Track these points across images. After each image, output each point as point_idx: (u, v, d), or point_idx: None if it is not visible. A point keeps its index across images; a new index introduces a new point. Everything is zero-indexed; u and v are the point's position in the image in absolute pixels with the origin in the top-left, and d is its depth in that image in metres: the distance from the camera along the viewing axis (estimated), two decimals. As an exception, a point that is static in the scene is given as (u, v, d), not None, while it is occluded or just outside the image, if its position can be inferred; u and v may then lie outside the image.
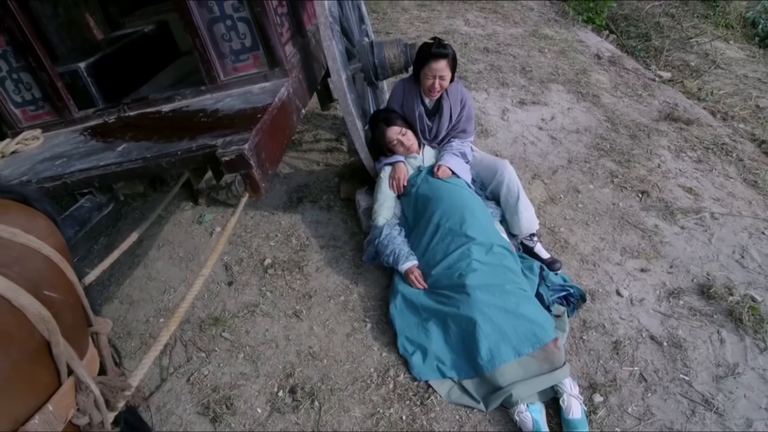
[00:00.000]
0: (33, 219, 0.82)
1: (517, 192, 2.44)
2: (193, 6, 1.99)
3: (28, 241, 0.76)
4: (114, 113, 2.24)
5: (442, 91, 2.38)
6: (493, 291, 2.04)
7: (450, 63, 2.31)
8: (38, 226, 0.81)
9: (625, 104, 4.06)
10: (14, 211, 0.81)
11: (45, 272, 0.76)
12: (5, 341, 0.65)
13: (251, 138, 1.58)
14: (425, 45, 2.33)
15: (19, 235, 0.75)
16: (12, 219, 0.78)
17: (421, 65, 2.34)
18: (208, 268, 1.42)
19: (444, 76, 2.32)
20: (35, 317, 0.69)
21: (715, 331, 2.20)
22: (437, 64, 2.28)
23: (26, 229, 0.77)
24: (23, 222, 0.79)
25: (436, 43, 2.29)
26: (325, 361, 2.12)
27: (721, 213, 2.89)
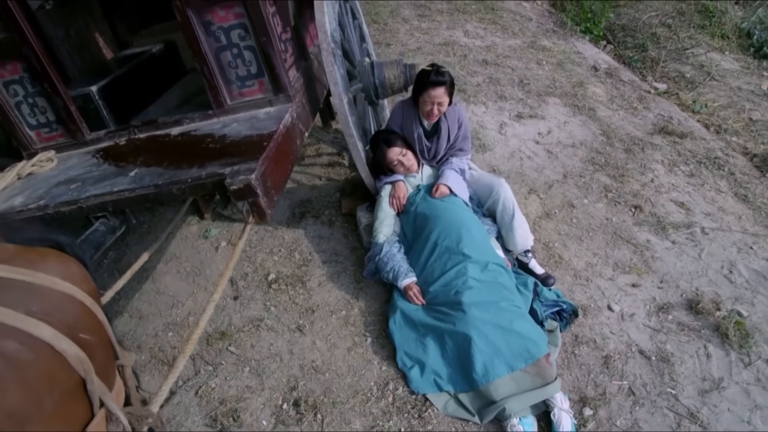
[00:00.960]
0: (67, 265, 0.92)
1: (512, 209, 2.53)
2: (201, 35, 2.08)
3: (65, 288, 0.85)
4: (124, 135, 2.34)
5: (440, 115, 2.48)
6: (488, 308, 2.13)
7: (448, 89, 2.40)
8: (72, 273, 0.90)
9: (621, 117, 4.15)
10: (52, 258, 0.91)
11: (81, 317, 0.86)
12: (50, 383, 0.74)
13: (258, 167, 1.67)
14: (424, 72, 2.42)
15: (58, 282, 0.84)
16: (50, 267, 0.87)
17: (420, 91, 2.43)
18: (218, 293, 1.52)
19: (442, 102, 2.41)
20: (74, 360, 0.78)
21: (702, 345, 2.29)
22: (435, 91, 2.37)
23: (63, 276, 0.87)
24: (60, 269, 0.88)
25: (435, 70, 2.38)
26: (327, 375, 2.21)
27: (711, 228, 2.98)
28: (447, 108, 2.50)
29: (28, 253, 0.88)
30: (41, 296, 0.81)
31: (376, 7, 6.38)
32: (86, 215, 1.88)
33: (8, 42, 2.12)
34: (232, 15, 2.05)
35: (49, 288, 0.83)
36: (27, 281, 0.81)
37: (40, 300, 0.80)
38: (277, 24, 2.21)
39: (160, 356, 2.34)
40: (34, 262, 0.86)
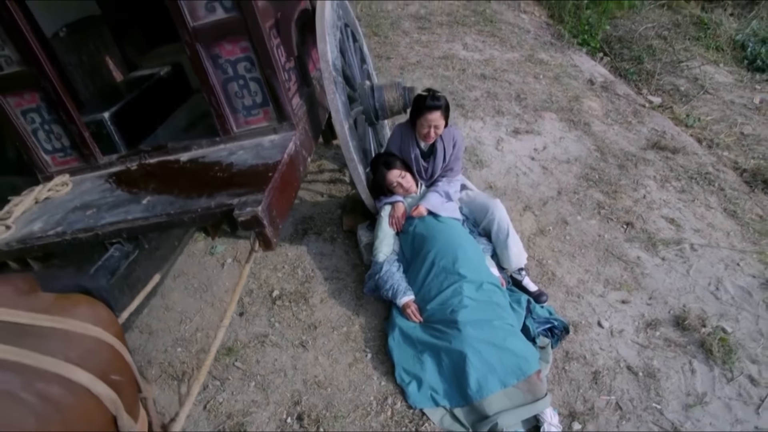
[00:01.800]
0: (97, 311, 1.03)
1: (506, 229, 2.64)
2: (210, 68, 2.20)
3: (96, 334, 0.96)
4: (135, 160, 2.45)
5: (436, 137, 2.59)
6: (482, 326, 2.23)
7: (443, 113, 2.51)
8: (102, 318, 1.01)
9: (615, 132, 4.25)
10: (83, 305, 1.01)
11: (111, 360, 0.96)
12: (87, 423, 0.85)
13: (264, 199, 1.78)
14: (420, 97, 2.53)
15: (90, 328, 0.95)
16: (82, 314, 0.98)
17: (417, 115, 2.54)
18: (227, 318, 1.63)
19: (438, 125, 2.52)
20: (107, 401, 0.88)
21: (688, 361, 2.39)
22: (432, 115, 2.48)
23: (94, 322, 0.97)
24: (90, 315, 0.99)
25: (431, 95, 2.49)
26: (329, 390, 2.32)
27: (700, 244, 3.08)
28: (443, 130, 2.61)
29: (62, 301, 0.99)
30: (77, 343, 0.92)
31: (377, 19, 6.50)
32: (102, 242, 1.99)
33: (28, 75, 2.24)
34: (239, 49, 2.17)
35: (83, 334, 0.94)
36: (64, 329, 0.92)
37: (76, 347, 0.91)
38: (281, 55, 2.33)
39: (170, 371, 2.45)
40: (68, 310, 0.97)
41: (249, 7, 2.06)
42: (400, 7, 6.85)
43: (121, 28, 3.38)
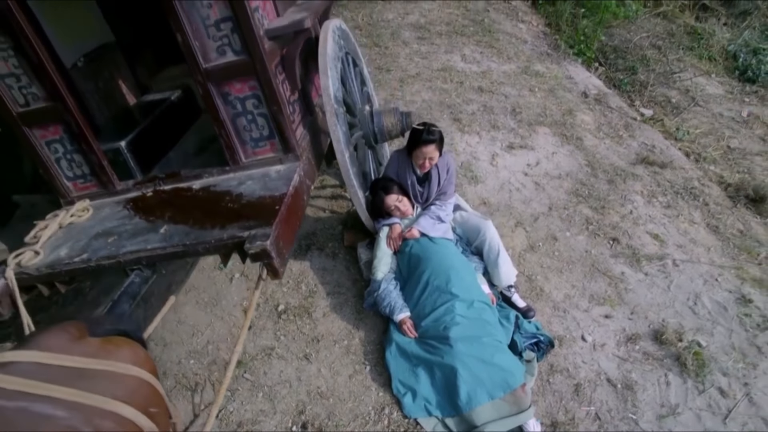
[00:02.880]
0: (135, 351, 1.21)
1: (497, 249, 2.82)
2: (220, 104, 2.38)
3: (137, 373, 1.14)
4: (151, 186, 2.64)
5: (431, 166, 2.77)
6: (472, 342, 2.42)
7: (438, 146, 2.69)
8: (139, 357, 1.20)
9: (606, 146, 4.42)
10: (124, 348, 1.20)
11: (149, 395, 1.15)
12: (133, 451, 1.04)
13: (272, 233, 1.97)
14: (416, 130, 2.70)
15: (131, 369, 1.14)
16: (124, 356, 1.17)
17: (413, 147, 2.72)
18: (240, 344, 1.82)
19: (433, 157, 2.70)
20: (148, 431, 1.07)
21: (663, 374, 2.58)
22: (427, 148, 2.66)
23: (133, 362, 1.16)
24: (131, 356, 1.18)
25: (426, 129, 2.66)
26: (331, 400, 2.52)
27: (681, 260, 3.26)
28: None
29: (107, 344, 1.18)
30: (122, 383, 1.10)
31: (377, 29, 6.64)
32: (123, 268, 2.18)
33: (52, 110, 2.43)
34: (247, 87, 2.35)
35: (126, 375, 1.12)
36: (111, 371, 1.11)
37: (121, 386, 1.09)
38: (286, 89, 2.51)
39: (183, 382, 2.65)
40: (112, 353, 1.15)
41: (257, 51, 2.23)
42: (400, 16, 6.98)
43: (132, 52, 3.55)
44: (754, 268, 3.24)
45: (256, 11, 2.28)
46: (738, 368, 2.60)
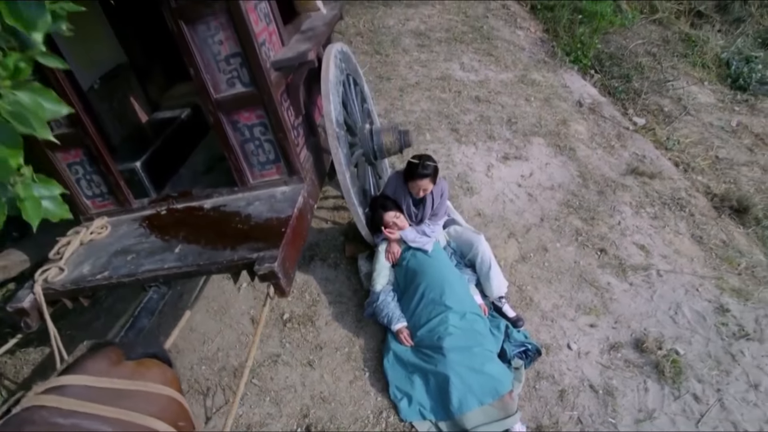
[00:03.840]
0: (164, 372, 1.40)
1: (489, 263, 3.00)
2: (230, 131, 2.56)
3: (167, 392, 1.33)
4: (164, 205, 2.83)
5: (425, 194, 2.96)
6: (464, 352, 2.61)
7: (432, 179, 2.88)
8: (168, 378, 1.39)
9: (598, 157, 4.58)
10: (155, 369, 1.39)
11: (178, 411, 1.34)
12: (168, 460, 1.23)
13: (279, 255, 2.15)
14: (412, 164, 2.88)
15: (162, 388, 1.32)
16: (155, 376, 1.35)
17: (409, 179, 2.91)
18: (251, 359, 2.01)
19: (427, 188, 2.90)
20: (178, 443, 1.26)
21: (643, 380, 2.77)
22: (422, 181, 2.86)
23: (163, 382, 1.35)
24: (161, 377, 1.37)
25: (422, 163, 2.84)
26: (333, 404, 2.71)
27: (665, 270, 3.44)
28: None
29: (140, 367, 1.37)
30: (154, 401, 1.29)
31: (378, 35, 6.78)
32: (141, 285, 2.37)
33: (74, 135, 2.61)
34: (255, 116, 2.53)
35: (158, 393, 1.31)
36: (144, 390, 1.30)
37: (154, 403, 1.28)
38: (290, 116, 2.69)
39: (196, 387, 2.85)
40: (145, 374, 1.34)
41: (264, 83, 2.41)
42: (401, 22, 7.11)
43: (144, 70, 3.72)
44: (734, 278, 3.42)
45: (263, 45, 2.46)
46: (712, 375, 2.79)
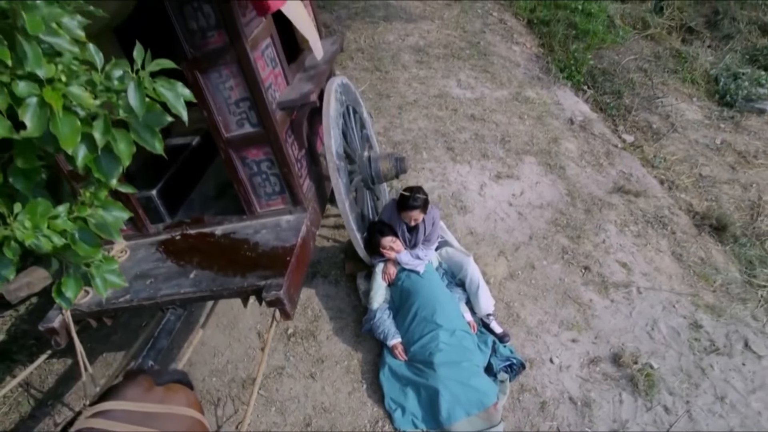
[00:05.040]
0: (187, 395, 1.65)
1: (477, 283, 3.25)
2: (239, 166, 2.81)
3: (191, 413, 1.58)
4: (179, 231, 3.08)
5: (417, 223, 3.21)
6: (453, 367, 2.86)
7: (422, 210, 3.13)
8: (191, 401, 1.63)
9: (587, 175, 4.81)
10: (179, 393, 1.64)
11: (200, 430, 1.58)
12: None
13: (284, 283, 2.40)
14: (404, 197, 3.13)
15: (186, 410, 1.57)
16: (180, 399, 1.60)
17: (401, 210, 3.16)
18: (259, 377, 2.26)
19: (417, 218, 3.16)
20: (201, 458, 1.51)
21: (618, 393, 3.01)
22: (412, 212, 3.11)
23: (187, 404, 1.60)
24: (184, 400, 1.61)
25: (412, 196, 3.09)
26: (333, 414, 2.96)
27: (645, 287, 3.67)
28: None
29: (167, 391, 1.61)
30: (180, 422, 1.54)
31: (379, 51, 7.01)
32: (160, 308, 2.63)
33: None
34: (262, 153, 2.78)
35: (183, 415, 1.56)
36: (172, 413, 1.54)
37: (181, 424, 1.53)
38: (294, 150, 2.94)
39: (207, 398, 3.10)
40: (171, 398, 1.59)
41: (270, 124, 2.66)
42: (400, 38, 7.34)
43: (156, 98, 3.98)
44: (709, 294, 3.65)
45: (270, 88, 2.70)
46: (683, 388, 3.02)
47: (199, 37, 2.46)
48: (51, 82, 0.86)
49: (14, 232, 0.91)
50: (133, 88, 0.96)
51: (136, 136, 1.02)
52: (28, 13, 0.78)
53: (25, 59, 0.80)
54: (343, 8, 8.18)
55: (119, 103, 0.96)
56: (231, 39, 2.43)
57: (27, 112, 0.83)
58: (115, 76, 0.97)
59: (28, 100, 0.83)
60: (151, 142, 1.05)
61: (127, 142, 1.01)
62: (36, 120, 0.85)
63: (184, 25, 2.43)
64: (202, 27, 2.43)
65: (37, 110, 0.84)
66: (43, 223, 0.95)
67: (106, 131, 0.96)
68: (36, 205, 0.96)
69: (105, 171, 1.04)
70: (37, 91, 0.84)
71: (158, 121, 1.03)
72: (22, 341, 3.74)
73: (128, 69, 1.00)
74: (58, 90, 0.86)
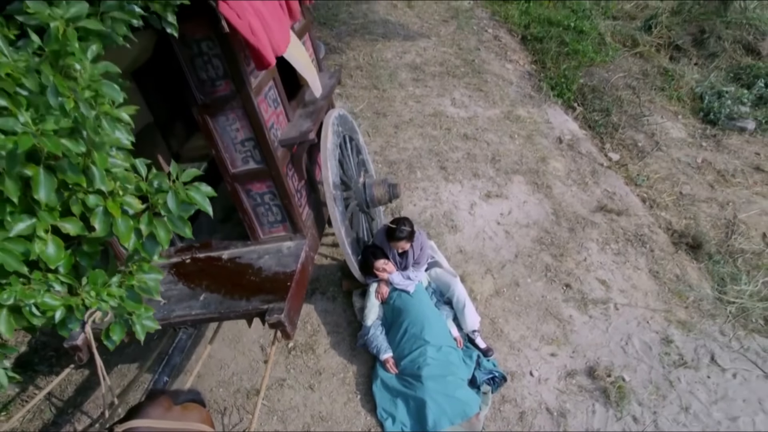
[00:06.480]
0: (201, 412, 1.92)
1: (463, 302, 3.52)
2: (244, 198, 3.09)
3: (205, 429, 1.85)
4: (188, 254, 3.36)
5: (405, 250, 3.49)
6: (439, 380, 3.14)
7: (407, 240, 3.41)
8: (203, 417, 1.90)
9: (572, 194, 5.08)
10: (194, 411, 1.91)
11: (213, 444, 1.86)
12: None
13: (285, 307, 2.68)
14: (390, 228, 3.41)
15: (201, 426, 1.84)
16: (194, 416, 1.87)
17: (389, 239, 3.45)
18: (263, 390, 2.54)
19: (405, 247, 3.44)
20: (215, 468, 1.78)
21: (592, 404, 3.28)
22: (398, 243, 3.40)
23: (201, 421, 1.87)
24: (198, 416, 1.89)
25: (398, 228, 3.37)
26: (329, 423, 3.24)
27: (622, 304, 3.94)
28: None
29: (185, 410, 1.89)
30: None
31: (377, 69, 7.29)
32: (173, 327, 2.91)
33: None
34: (265, 186, 3.06)
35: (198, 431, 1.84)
36: (188, 429, 1.82)
37: (197, 439, 1.82)
38: (294, 182, 3.21)
39: (214, 407, 3.38)
40: (188, 416, 1.87)
41: (272, 161, 2.93)
42: (398, 55, 7.62)
43: (166, 125, 4.26)
44: (682, 311, 3.91)
45: (272, 128, 2.99)
46: (651, 399, 3.29)
47: (209, 86, 2.74)
48: (111, 194, 1.14)
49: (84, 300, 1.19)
50: (172, 195, 1.23)
51: (171, 225, 1.29)
52: (99, 153, 1.06)
53: (95, 180, 1.08)
54: (343, 24, 8.46)
55: (159, 202, 1.24)
56: (237, 88, 2.71)
57: (96, 219, 1.12)
58: (155, 185, 1.25)
59: (96, 209, 1.12)
60: (182, 228, 1.32)
61: (165, 230, 1.28)
62: (102, 224, 1.13)
63: (195, 75, 2.71)
64: (211, 77, 2.71)
65: (103, 217, 1.13)
66: (103, 291, 1.23)
67: (149, 224, 1.24)
68: (96, 276, 1.24)
69: (148, 251, 1.31)
70: (102, 202, 1.12)
71: (187, 211, 1.31)
72: (42, 353, 4.03)
73: (166, 179, 1.28)
74: (117, 201, 1.14)
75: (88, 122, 1.02)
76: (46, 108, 0.97)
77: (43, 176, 1.03)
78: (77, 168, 1.06)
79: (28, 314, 1.10)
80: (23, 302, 1.07)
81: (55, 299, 1.14)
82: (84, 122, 1.01)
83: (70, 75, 1.00)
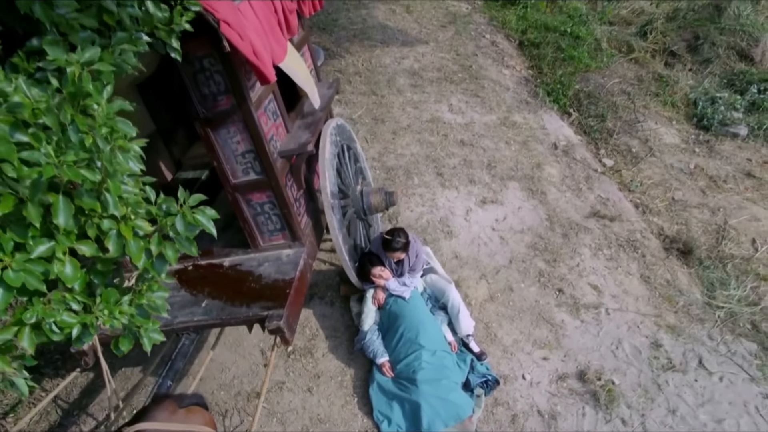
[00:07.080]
0: (204, 415, 2.02)
1: (458, 307, 3.62)
2: (245, 207, 3.20)
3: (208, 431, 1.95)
4: (191, 261, 3.46)
5: (401, 259, 3.59)
6: (433, 384, 3.24)
7: (403, 250, 3.51)
8: (206, 420, 2.01)
9: (567, 200, 5.18)
10: (198, 414, 2.01)
11: (216, 447, 1.96)
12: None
13: (284, 314, 2.79)
14: (386, 240, 3.51)
15: (204, 428, 1.95)
16: (198, 419, 1.98)
17: (385, 249, 3.54)
18: (263, 393, 2.64)
19: (400, 257, 3.54)
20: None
21: (582, 407, 3.38)
22: (394, 253, 3.50)
23: (204, 423, 1.97)
24: (203, 419, 1.99)
25: (394, 239, 3.47)
26: (327, 425, 3.34)
27: (613, 308, 4.04)
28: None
29: (189, 413, 1.99)
30: (200, 439, 1.93)
31: (375, 75, 7.39)
32: (176, 333, 3.01)
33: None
34: (265, 196, 3.16)
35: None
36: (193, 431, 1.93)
37: (200, 441, 1.92)
38: (293, 191, 3.32)
39: (216, 410, 3.49)
40: (191, 419, 1.97)
41: (272, 172, 3.03)
42: (396, 61, 7.72)
43: (168, 133, 4.37)
44: (671, 315, 4.01)
45: (272, 140, 3.09)
46: (640, 402, 3.39)
47: (211, 100, 2.84)
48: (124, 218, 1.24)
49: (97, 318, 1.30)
50: (180, 219, 1.34)
51: (178, 245, 1.39)
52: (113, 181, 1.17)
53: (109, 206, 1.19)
54: (342, 29, 8.57)
55: (168, 225, 1.34)
56: (238, 102, 2.81)
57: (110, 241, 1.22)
58: (164, 209, 1.36)
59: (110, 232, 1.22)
60: (188, 247, 1.42)
61: (173, 249, 1.38)
62: (115, 246, 1.24)
63: (198, 90, 2.81)
64: (213, 92, 2.81)
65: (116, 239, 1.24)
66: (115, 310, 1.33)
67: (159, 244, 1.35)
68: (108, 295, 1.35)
69: (157, 269, 1.41)
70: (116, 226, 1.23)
71: (193, 232, 1.41)
72: (48, 356, 4.13)
73: (174, 204, 1.39)
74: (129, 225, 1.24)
75: (104, 155, 1.13)
76: (66, 142, 1.07)
77: (62, 203, 1.14)
78: (93, 195, 1.17)
79: (48, 331, 1.21)
80: (44, 321, 1.18)
81: (72, 317, 1.25)
82: (100, 155, 1.12)
83: (87, 113, 1.10)
